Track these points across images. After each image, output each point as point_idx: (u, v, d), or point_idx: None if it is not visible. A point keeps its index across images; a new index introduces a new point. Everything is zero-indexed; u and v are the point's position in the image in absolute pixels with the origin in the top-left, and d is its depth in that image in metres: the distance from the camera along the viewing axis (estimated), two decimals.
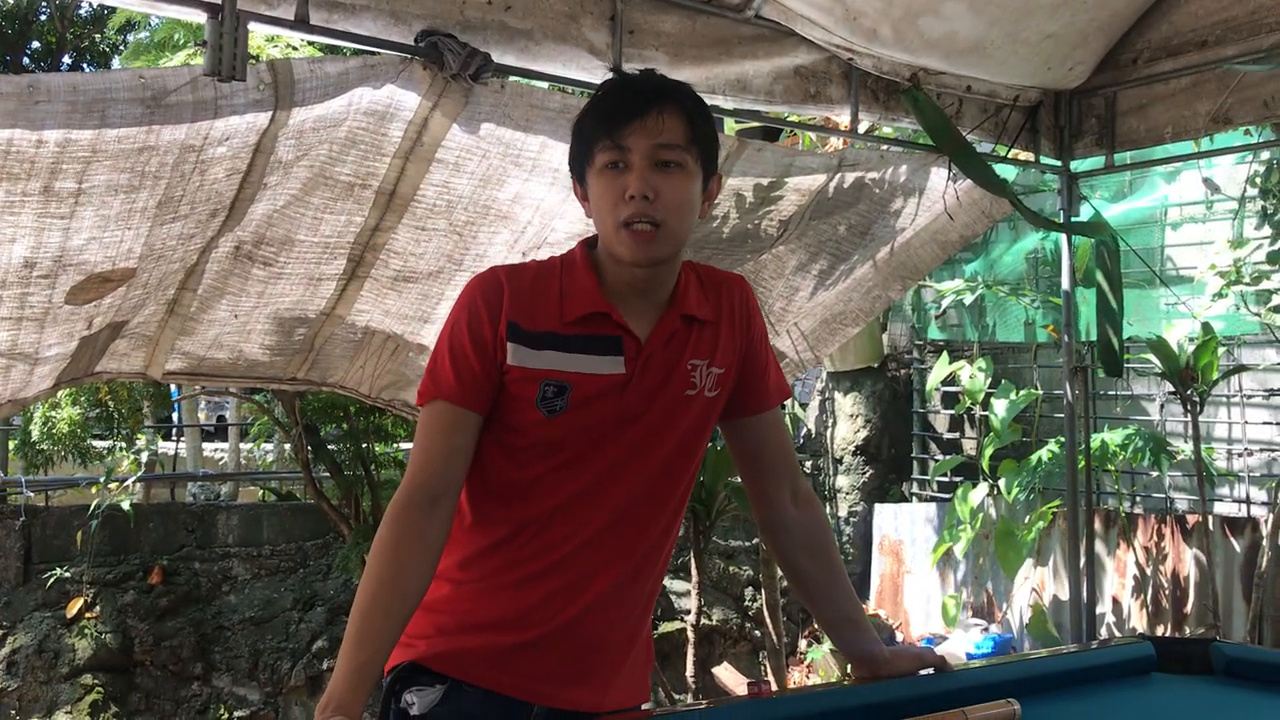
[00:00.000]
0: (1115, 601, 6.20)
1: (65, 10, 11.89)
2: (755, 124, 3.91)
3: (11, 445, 6.60)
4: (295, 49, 4.05)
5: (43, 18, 12.60)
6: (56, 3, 11.03)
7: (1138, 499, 6.60)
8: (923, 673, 1.94)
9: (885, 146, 3.57)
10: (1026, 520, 6.42)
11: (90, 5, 11.39)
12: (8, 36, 12.36)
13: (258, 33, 2.56)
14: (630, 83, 1.74)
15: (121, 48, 11.81)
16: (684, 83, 1.77)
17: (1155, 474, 6.19)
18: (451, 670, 1.69)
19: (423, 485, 1.64)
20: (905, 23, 3.09)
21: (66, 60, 13.14)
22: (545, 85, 2.67)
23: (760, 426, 1.89)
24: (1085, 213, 4.00)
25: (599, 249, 1.75)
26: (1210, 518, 5.65)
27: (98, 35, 12.73)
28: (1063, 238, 4.00)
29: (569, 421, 1.68)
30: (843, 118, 3.31)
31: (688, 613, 5.15)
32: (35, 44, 13.03)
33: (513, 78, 2.58)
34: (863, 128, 3.33)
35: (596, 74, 2.65)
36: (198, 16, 2.13)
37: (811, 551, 1.91)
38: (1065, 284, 4.01)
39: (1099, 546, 6.10)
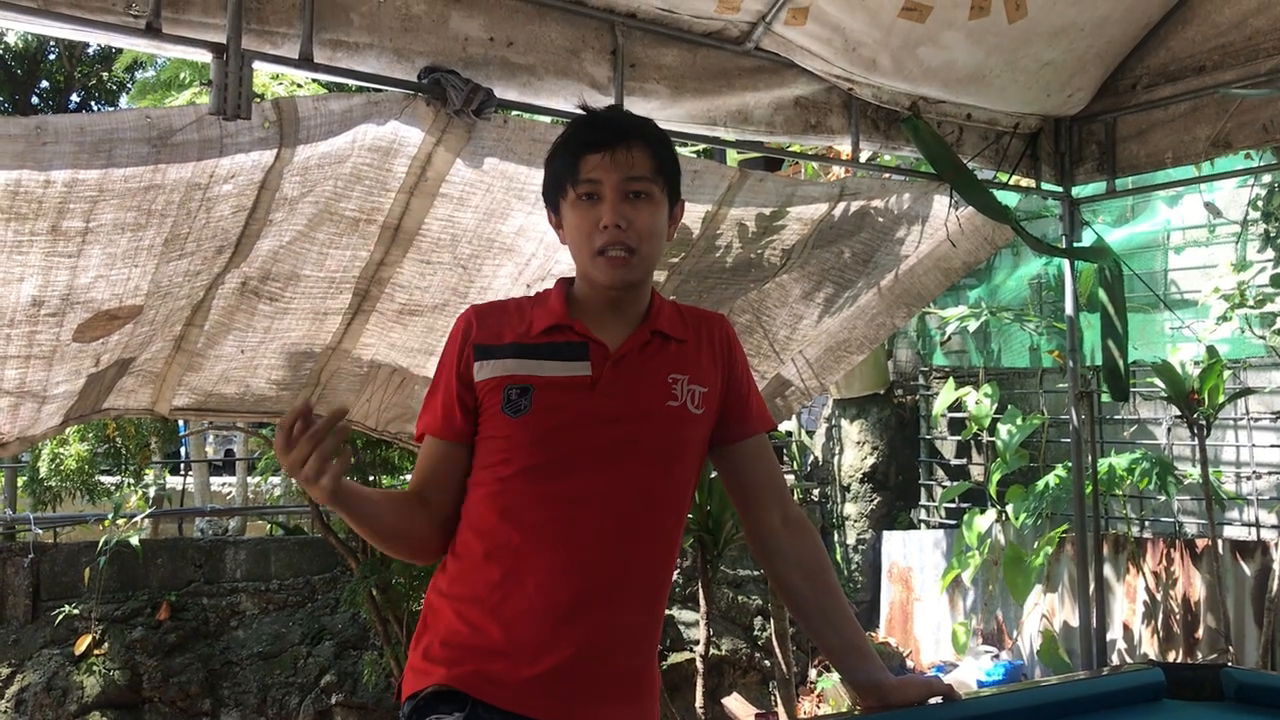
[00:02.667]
0: (1126, 627, 6.16)
1: (73, 50, 12.01)
2: (757, 154, 3.94)
3: (20, 482, 6.61)
4: (300, 86, 4.09)
5: (51, 57, 12.75)
6: (65, 43, 11.16)
7: (1146, 523, 6.57)
8: (931, 701, 1.93)
9: (887, 175, 3.59)
10: (1035, 546, 6.39)
11: (98, 45, 11.49)
12: (17, 77, 12.50)
13: (262, 71, 2.58)
14: (598, 120, 1.87)
15: (129, 86, 11.93)
16: (647, 118, 1.91)
17: (1163, 498, 6.16)
18: (470, 692, 1.71)
19: (415, 488, 1.85)
20: (904, 52, 3.11)
21: (74, 98, 13.29)
22: (548, 119, 2.69)
23: (746, 453, 1.94)
24: (1088, 238, 4.01)
25: (576, 277, 1.88)
26: (1220, 541, 5.62)
27: (105, 74, 12.87)
28: (1066, 263, 4.01)
29: (536, 422, 1.74)
30: (844, 147, 3.32)
31: (696, 643, 5.13)
32: (44, 83, 13.18)
33: (515, 112, 2.61)
34: (864, 157, 3.34)
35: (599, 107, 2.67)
36: (203, 56, 2.16)
37: (806, 573, 1.94)
38: (1069, 309, 4.02)
39: (1108, 571, 6.07)
